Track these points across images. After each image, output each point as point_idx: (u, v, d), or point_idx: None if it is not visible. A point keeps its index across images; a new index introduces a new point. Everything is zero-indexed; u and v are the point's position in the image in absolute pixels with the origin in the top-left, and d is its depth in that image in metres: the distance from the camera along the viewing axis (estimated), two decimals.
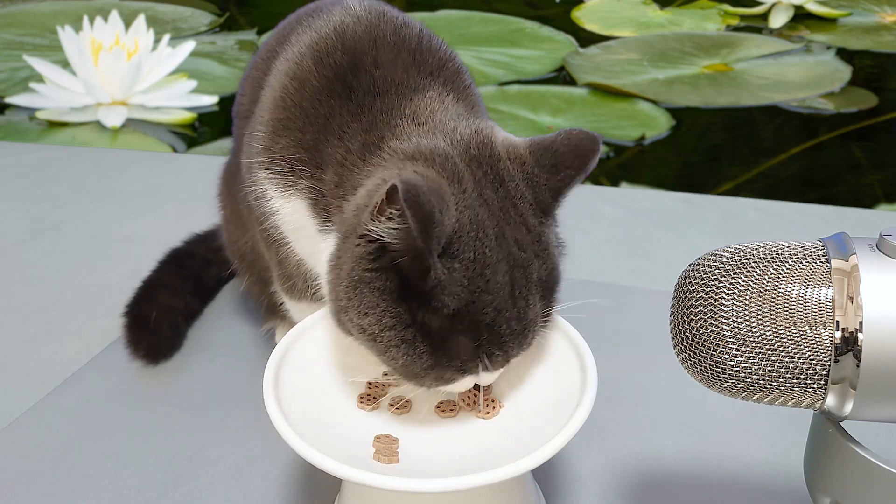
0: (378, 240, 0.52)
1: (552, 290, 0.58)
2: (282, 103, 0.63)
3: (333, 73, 0.62)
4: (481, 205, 0.55)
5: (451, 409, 0.62)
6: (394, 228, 0.51)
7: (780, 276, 0.44)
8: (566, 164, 0.57)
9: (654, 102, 1.72)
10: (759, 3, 2.23)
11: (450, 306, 0.52)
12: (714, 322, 0.44)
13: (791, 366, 0.43)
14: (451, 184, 0.54)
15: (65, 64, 1.74)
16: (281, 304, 0.76)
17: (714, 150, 1.64)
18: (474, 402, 0.61)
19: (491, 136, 0.59)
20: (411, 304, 0.53)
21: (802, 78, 1.86)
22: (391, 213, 0.51)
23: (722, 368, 0.44)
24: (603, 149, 1.54)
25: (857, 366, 0.41)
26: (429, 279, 0.52)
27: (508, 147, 0.59)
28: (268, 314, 0.82)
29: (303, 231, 0.64)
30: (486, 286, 0.53)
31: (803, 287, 0.43)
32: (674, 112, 1.69)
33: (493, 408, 0.61)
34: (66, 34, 1.68)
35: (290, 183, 0.63)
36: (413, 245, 0.51)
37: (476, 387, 0.63)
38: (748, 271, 0.44)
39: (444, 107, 0.61)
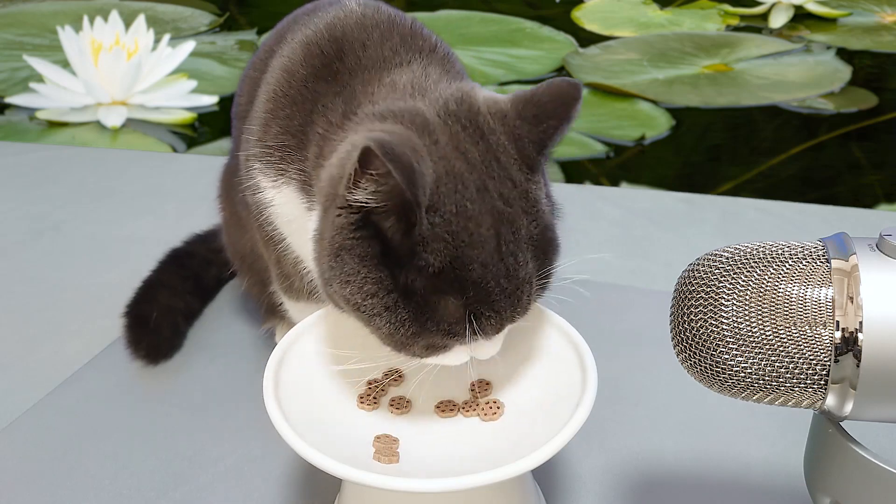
0: (359, 207, 0.51)
1: (546, 250, 0.56)
2: (273, 95, 0.64)
3: (321, 62, 0.62)
4: (458, 157, 0.54)
5: (452, 409, 0.62)
6: (376, 191, 0.50)
7: (780, 276, 0.44)
8: (548, 114, 0.55)
9: (654, 102, 1.72)
10: (759, 3, 2.23)
11: (434, 264, 0.51)
12: (714, 322, 0.44)
13: (791, 366, 0.43)
14: (422, 135, 0.54)
15: (65, 64, 1.74)
16: (280, 305, 0.76)
17: (714, 150, 1.64)
18: (474, 407, 0.61)
19: (471, 93, 0.58)
20: (393, 269, 0.52)
21: (802, 78, 1.86)
22: (370, 177, 0.50)
23: (722, 368, 0.44)
24: (603, 149, 1.55)
25: (857, 366, 0.41)
26: (413, 235, 0.51)
27: (489, 101, 0.57)
28: (267, 314, 0.82)
29: (296, 223, 0.64)
30: (470, 240, 0.52)
31: (803, 287, 0.43)
32: (674, 112, 1.69)
33: (497, 409, 0.61)
34: (66, 34, 1.68)
35: (281, 171, 0.63)
36: (398, 202, 0.50)
37: (473, 388, 0.63)
38: (748, 271, 0.44)
39: (426, 74, 0.61)
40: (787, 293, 0.43)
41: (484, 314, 0.53)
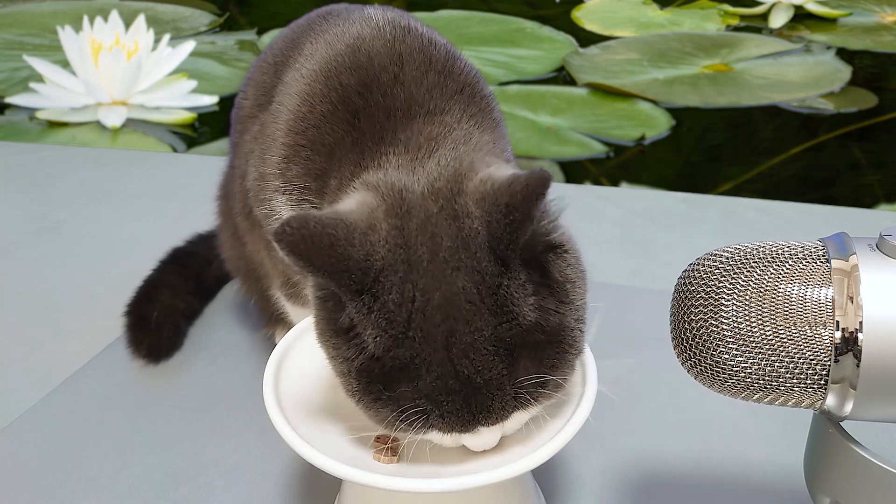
0: None
1: (534, 356, 0.50)
2: (295, 127, 0.61)
3: (340, 97, 0.59)
4: (424, 244, 0.50)
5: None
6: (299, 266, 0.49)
7: (780, 276, 0.44)
8: (516, 205, 0.48)
9: (654, 102, 1.73)
10: (759, 3, 2.23)
11: (369, 347, 0.49)
12: (714, 322, 0.44)
13: (791, 366, 0.43)
14: (388, 218, 0.50)
15: (65, 64, 1.74)
16: (281, 308, 0.76)
17: (714, 150, 1.64)
18: None
19: (468, 168, 0.53)
20: (340, 339, 0.51)
21: (802, 78, 1.86)
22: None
23: (722, 368, 0.44)
24: (603, 149, 1.55)
25: (857, 366, 0.41)
26: (343, 316, 0.50)
27: (480, 181, 0.52)
28: (268, 319, 0.82)
29: None
30: (412, 333, 0.48)
31: (803, 287, 0.43)
32: (674, 112, 1.69)
33: None
34: (66, 34, 1.68)
35: (298, 202, 0.62)
36: (318, 281, 0.49)
37: None
38: (748, 271, 0.44)
39: (450, 135, 0.57)
40: (787, 293, 0.43)
41: (435, 412, 0.49)
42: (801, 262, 0.44)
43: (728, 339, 0.44)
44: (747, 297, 0.44)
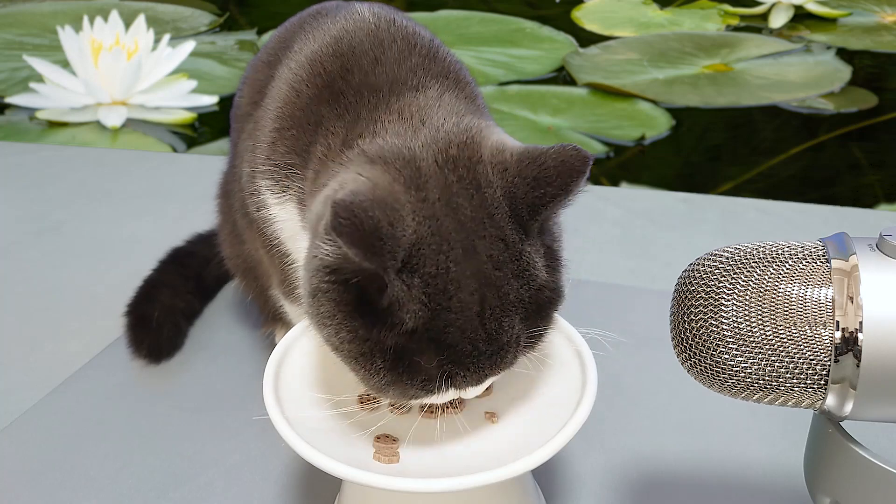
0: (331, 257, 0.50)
1: (539, 311, 0.53)
2: (280, 114, 0.62)
3: (324, 82, 0.60)
4: (448, 213, 0.51)
5: (432, 412, 0.61)
6: (339, 252, 0.49)
7: (780, 276, 0.44)
8: (548, 180, 0.51)
9: (654, 102, 1.73)
10: (759, 3, 2.23)
11: (407, 324, 0.49)
12: (714, 322, 0.44)
13: (791, 366, 0.43)
14: (409, 190, 0.51)
15: (65, 64, 1.74)
16: (280, 308, 0.76)
17: (714, 150, 1.64)
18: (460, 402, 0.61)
19: (479, 136, 0.54)
20: (367, 319, 0.50)
21: (802, 78, 1.86)
22: (335, 238, 0.48)
23: (722, 368, 0.44)
24: (603, 149, 1.55)
25: (857, 366, 0.41)
26: (385, 296, 0.49)
27: (495, 150, 0.53)
28: (267, 318, 0.82)
29: (300, 237, 0.64)
30: (449, 304, 0.49)
31: (803, 287, 0.43)
32: (674, 112, 1.69)
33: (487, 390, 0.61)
34: (66, 34, 1.68)
35: (284, 187, 0.62)
36: (363, 267, 0.48)
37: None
38: (748, 271, 0.44)
39: (439, 103, 0.58)
40: (787, 293, 0.43)
41: (460, 374, 0.51)
42: (801, 262, 0.44)
43: (728, 339, 0.44)
44: (747, 297, 0.44)
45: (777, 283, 0.43)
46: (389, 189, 0.51)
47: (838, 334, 0.42)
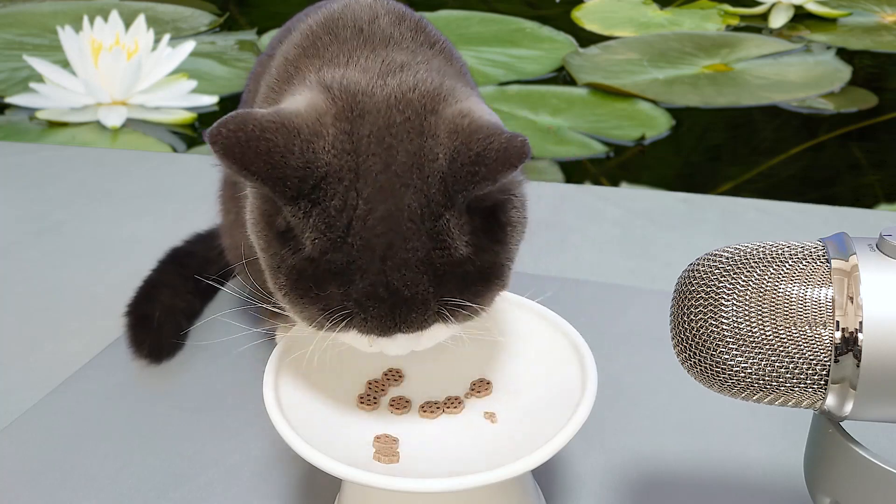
0: None
1: (458, 282, 0.51)
2: (271, 82, 0.63)
3: (310, 41, 0.61)
4: (377, 151, 0.50)
5: (434, 410, 0.62)
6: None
7: (780, 276, 0.44)
8: (486, 161, 0.49)
9: (654, 102, 1.73)
10: (759, 3, 2.23)
11: (306, 249, 0.50)
12: (714, 322, 0.44)
13: (791, 366, 0.43)
14: (338, 122, 0.51)
15: (65, 64, 1.74)
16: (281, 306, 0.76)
17: (714, 150, 1.64)
18: (458, 402, 0.62)
19: (448, 93, 0.53)
20: (276, 234, 0.51)
21: (802, 78, 1.86)
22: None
23: (722, 368, 0.44)
24: (603, 149, 1.55)
25: (857, 366, 0.41)
26: (280, 219, 0.50)
27: (457, 111, 0.52)
28: (268, 315, 0.82)
29: None
30: (353, 240, 0.49)
31: (803, 287, 0.43)
32: (674, 112, 1.69)
33: (487, 386, 0.61)
34: (66, 34, 1.68)
35: None
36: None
37: (474, 386, 0.63)
38: (748, 271, 0.44)
39: (427, 64, 0.57)
40: (787, 293, 0.43)
41: (360, 315, 0.51)
42: (801, 263, 0.44)
43: (728, 339, 0.44)
44: (747, 297, 0.44)
45: (777, 284, 0.43)
46: (315, 119, 0.51)
47: (838, 334, 0.42)
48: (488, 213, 0.53)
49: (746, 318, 0.43)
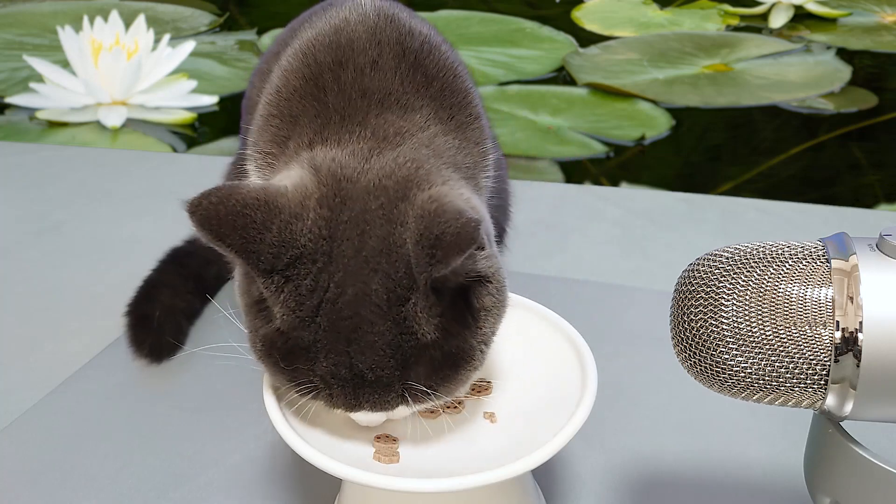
0: None
1: (420, 365, 0.51)
2: (271, 101, 0.64)
3: (311, 72, 0.61)
4: (353, 237, 0.51)
5: (433, 412, 0.61)
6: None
7: (780, 276, 0.44)
8: (441, 245, 0.48)
9: (654, 102, 1.73)
10: (759, 3, 2.23)
11: (276, 322, 0.52)
12: (714, 322, 0.44)
13: (791, 366, 0.43)
14: (319, 208, 0.52)
15: (65, 64, 1.74)
16: None
17: (714, 150, 1.64)
18: (457, 402, 0.62)
19: (423, 178, 0.53)
20: (253, 304, 0.54)
21: (802, 78, 1.86)
22: None
23: (722, 368, 0.44)
24: (603, 149, 1.55)
25: (857, 366, 0.41)
26: (254, 288, 0.53)
27: (427, 197, 0.52)
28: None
29: None
30: (320, 320, 0.50)
31: (803, 287, 0.43)
32: (674, 112, 1.69)
33: (487, 385, 0.62)
34: (66, 34, 1.68)
35: (264, 176, 0.64)
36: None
37: (473, 387, 0.63)
38: (748, 271, 0.44)
39: (420, 132, 0.58)
40: (787, 293, 0.43)
41: (325, 391, 0.52)
42: (801, 262, 0.44)
43: (728, 339, 0.44)
44: (747, 297, 0.44)
45: (777, 283, 0.43)
46: (300, 201, 0.52)
47: (838, 334, 0.42)
48: (459, 296, 0.52)
49: (746, 318, 0.43)
